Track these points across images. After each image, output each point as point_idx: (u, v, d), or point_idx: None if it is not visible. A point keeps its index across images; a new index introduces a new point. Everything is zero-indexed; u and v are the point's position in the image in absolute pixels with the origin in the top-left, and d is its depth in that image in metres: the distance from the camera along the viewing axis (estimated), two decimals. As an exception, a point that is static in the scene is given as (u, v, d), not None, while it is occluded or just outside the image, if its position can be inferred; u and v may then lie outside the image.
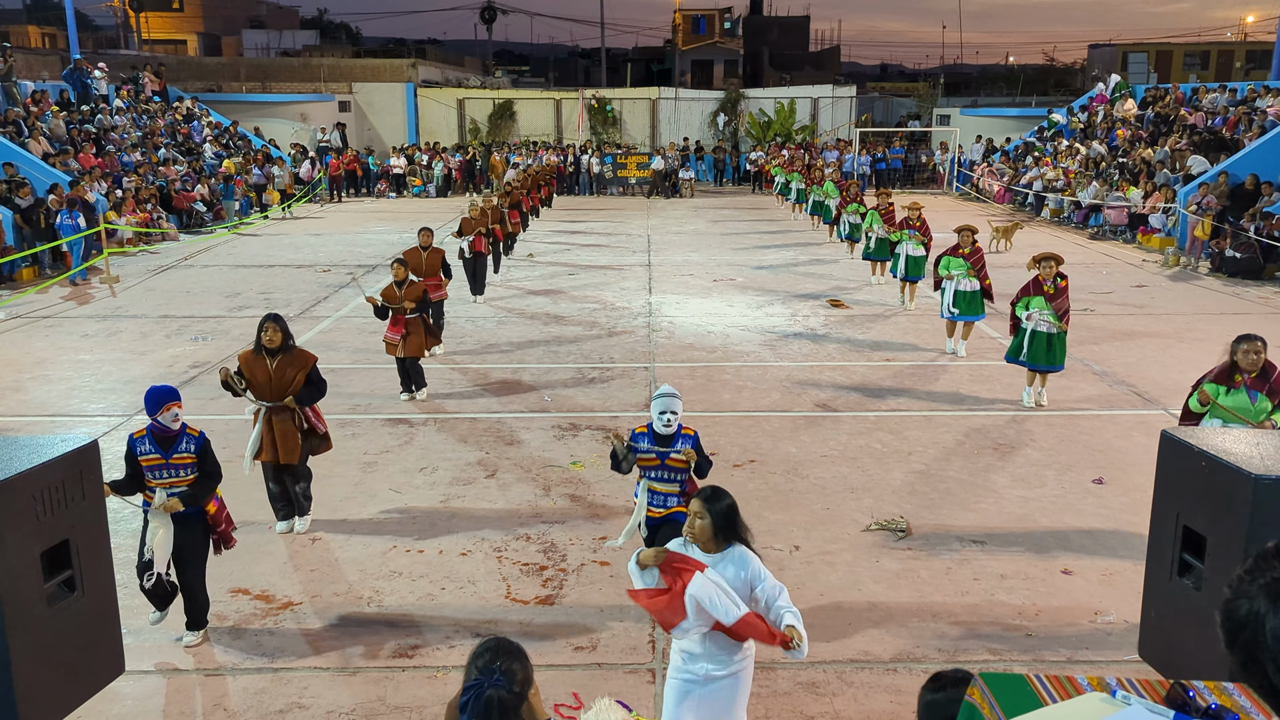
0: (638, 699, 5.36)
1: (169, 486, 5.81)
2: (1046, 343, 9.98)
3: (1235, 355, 6.55)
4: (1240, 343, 6.55)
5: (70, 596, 3.99)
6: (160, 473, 5.80)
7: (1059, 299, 9.90)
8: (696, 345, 13.00)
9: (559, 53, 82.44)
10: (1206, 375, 6.74)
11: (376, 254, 20.19)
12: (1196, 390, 6.68)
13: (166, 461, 5.79)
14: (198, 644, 5.98)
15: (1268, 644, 1.72)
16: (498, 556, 7.08)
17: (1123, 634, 5.99)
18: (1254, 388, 6.49)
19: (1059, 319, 9.91)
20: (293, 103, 36.29)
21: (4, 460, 3.77)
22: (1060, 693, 2.07)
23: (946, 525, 7.57)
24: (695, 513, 4.21)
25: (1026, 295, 10.04)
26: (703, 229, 24.65)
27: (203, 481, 5.91)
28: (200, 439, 5.91)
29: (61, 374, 11.68)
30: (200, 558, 6.00)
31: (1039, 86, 49.39)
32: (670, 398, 5.69)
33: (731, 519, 4.21)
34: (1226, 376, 6.58)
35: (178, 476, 5.83)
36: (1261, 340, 6.54)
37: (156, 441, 5.79)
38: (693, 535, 4.21)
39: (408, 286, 10.22)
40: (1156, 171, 23.15)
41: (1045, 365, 10.11)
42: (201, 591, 6.05)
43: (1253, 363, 6.48)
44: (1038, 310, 9.93)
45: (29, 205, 18.66)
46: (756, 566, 4.20)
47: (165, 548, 5.80)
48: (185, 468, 5.84)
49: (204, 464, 5.90)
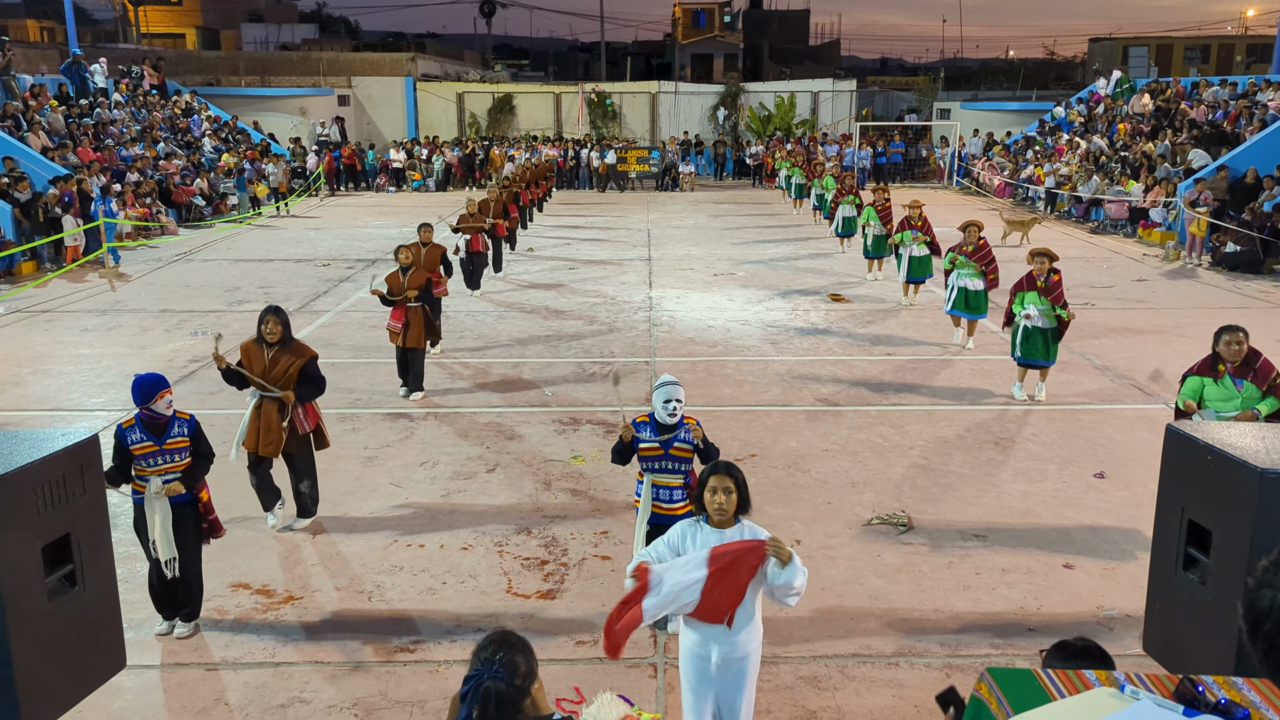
0: (640, 693, 5.35)
1: (164, 473, 5.83)
2: (1042, 338, 10.01)
3: (1218, 346, 6.69)
4: (1222, 334, 6.69)
5: (71, 591, 3.97)
6: (154, 460, 5.81)
7: (1054, 293, 9.96)
8: (697, 340, 12.99)
9: (558, 47, 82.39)
10: (1190, 369, 6.85)
11: (376, 248, 20.17)
12: (1181, 392, 6.82)
13: (160, 448, 5.81)
14: (189, 635, 5.97)
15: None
16: (499, 551, 7.07)
17: (1125, 628, 5.99)
18: (1238, 376, 6.63)
19: (1059, 308, 9.92)
20: (292, 97, 36.24)
21: (4, 454, 3.75)
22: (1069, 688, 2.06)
23: (948, 520, 7.57)
24: (723, 488, 4.17)
25: (1021, 291, 10.08)
26: (703, 223, 24.62)
27: (199, 463, 5.97)
28: (192, 422, 5.96)
29: (61, 368, 11.66)
30: (196, 546, 6.06)
31: (1039, 80, 49.38)
32: (673, 385, 5.61)
33: (747, 491, 4.27)
34: (1210, 368, 6.72)
35: (172, 462, 5.86)
36: (1243, 331, 6.67)
37: (148, 429, 5.81)
38: (719, 511, 4.18)
39: (411, 274, 10.19)
40: (1157, 166, 23.12)
41: (1043, 360, 10.14)
42: (198, 579, 6.09)
43: (1235, 353, 6.61)
44: (1033, 306, 9.96)
45: (28, 199, 18.63)
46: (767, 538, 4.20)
47: (168, 536, 5.82)
48: (180, 452, 5.87)
49: (199, 447, 5.97)
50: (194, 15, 59.82)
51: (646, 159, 33.40)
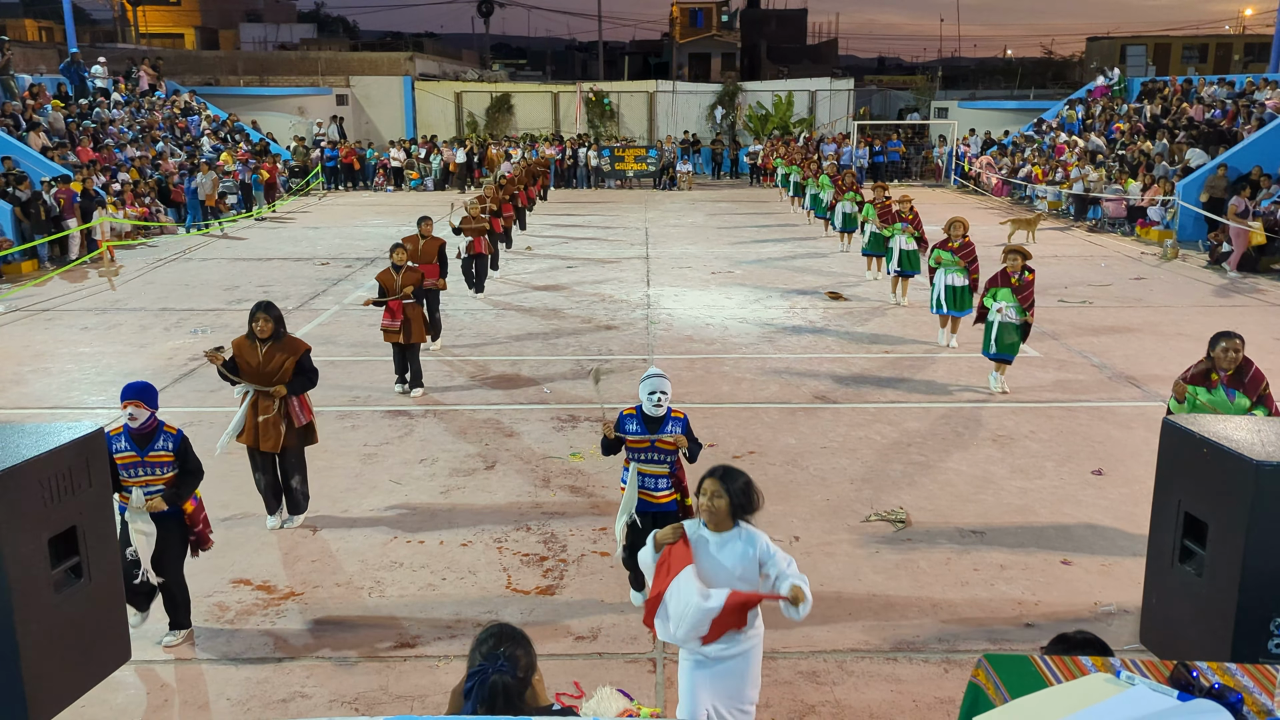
0: (638, 688, 5.38)
1: (145, 485, 5.65)
2: (1008, 334, 10.19)
3: (1213, 352, 6.62)
4: (1219, 340, 6.61)
5: (77, 583, 4.00)
6: (135, 470, 5.64)
7: (1024, 291, 10.11)
8: (695, 337, 13.02)
9: (556, 46, 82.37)
10: (1184, 374, 6.80)
11: (374, 247, 20.18)
12: (1173, 399, 6.79)
13: (142, 459, 5.64)
14: (178, 644, 5.88)
15: None
16: (498, 547, 7.10)
17: (1123, 623, 6.02)
18: (1231, 385, 6.58)
19: (1024, 311, 10.10)
20: (290, 96, 36.24)
21: (11, 448, 3.78)
22: (1065, 674, 2.09)
23: (946, 516, 7.60)
24: (713, 492, 4.21)
25: (994, 287, 10.19)
26: (700, 222, 24.64)
27: (185, 479, 5.77)
28: (178, 436, 5.75)
29: (61, 367, 11.68)
30: (178, 558, 5.87)
31: (1037, 79, 49.36)
32: (659, 378, 5.67)
33: (748, 497, 4.23)
34: (1203, 376, 6.66)
35: (154, 475, 5.67)
36: (1239, 338, 6.61)
37: (132, 438, 5.64)
38: (709, 514, 4.22)
39: (405, 272, 10.19)
40: (1155, 164, 23.16)
41: (1008, 354, 10.36)
42: (181, 592, 5.92)
43: (1231, 360, 6.55)
44: (1004, 302, 10.04)
45: (28, 198, 18.64)
46: (765, 544, 4.22)
47: (147, 549, 5.66)
48: (162, 466, 5.68)
49: (185, 462, 5.77)
50: (192, 15, 59.79)
51: (644, 158, 33.41)
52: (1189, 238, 20.58)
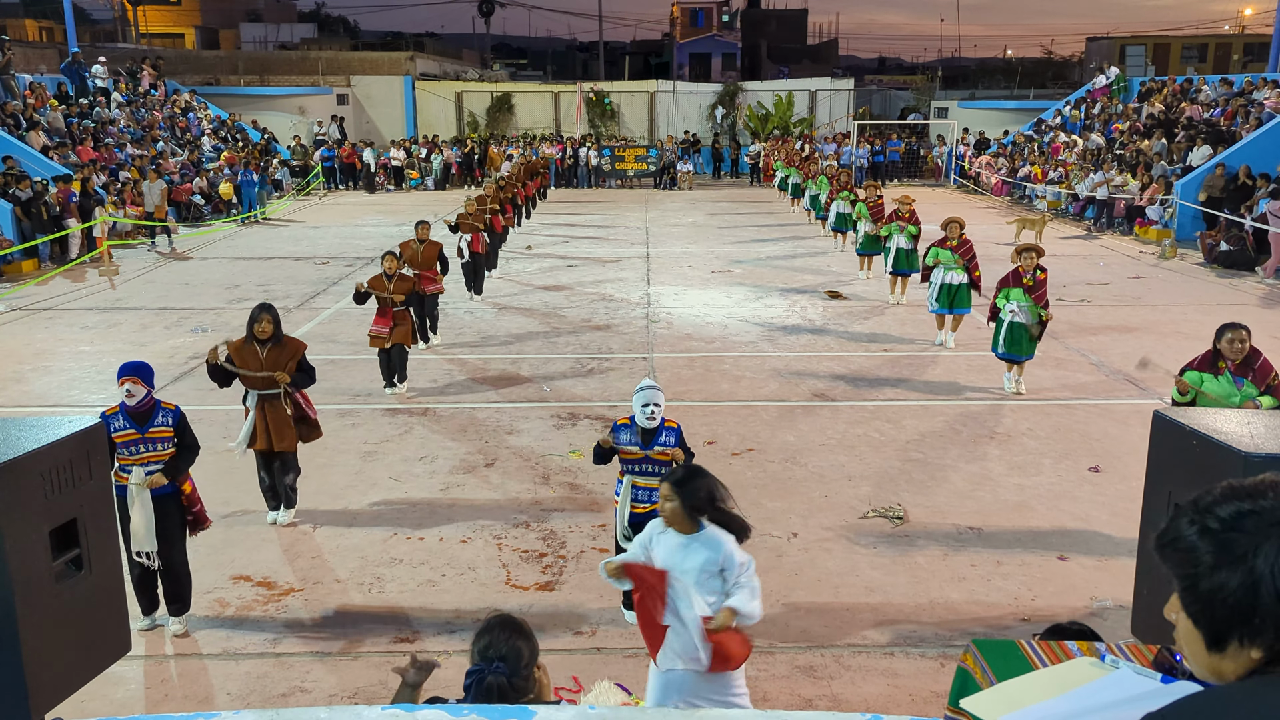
0: (637, 683, 5.41)
1: (145, 463, 5.74)
2: (1025, 334, 10.15)
3: (1220, 343, 6.68)
4: (1225, 331, 6.68)
5: (78, 575, 4.03)
6: (135, 448, 5.73)
7: (1038, 291, 10.08)
8: (695, 336, 13.05)
9: (557, 46, 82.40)
10: (1189, 364, 6.85)
11: (374, 247, 20.19)
12: (1176, 381, 6.81)
13: (142, 436, 5.73)
14: (183, 633, 5.93)
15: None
16: (497, 544, 7.13)
17: (1118, 618, 6.04)
18: (1238, 374, 6.63)
19: (1040, 308, 10.08)
20: (291, 96, 36.29)
21: (13, 440, 3.82)
22: (1051, 658, 2.13)
23: (943, 513, 7.63)
24: (665, 496, 4.26)
25: (1006, 286, 10.18)
26: (700, 221, 24.67)
27: (183, 454, 5.87)
28: (177, 412, 5.87)
29: (62, 365, 11.71)
30: (181, 537, 5.97)
31: (1037, 79, 49.41)
32: (652, 390, 5.71)
33: (702, 500, 4.22)
34: (1210, 364, 6.72)
35: (154, 451, 5.77)
36: (1245, 329, 6.67)
37: (131, 416, 5.74)
38: (666, 517, 4.27)
39: (397, 280, 10.20)
40: (1154, 164, 23.18)
41: (1023, 355, 10.32)
42: (185, 571, 6.00)
43: (1237, 350, 6.61)
44: (1017, 302, 10.05)
45: (29, 198, 18.67)
46: (728, 551, 4.24)
47: (149, 529, 5.74)
48: (162, 441, 5.78)
49: (183, 437, 5.87)
50: (193, 15, 59.86)
51: (645, 158, 33.44)
52: (1187, 237, 20.61)
